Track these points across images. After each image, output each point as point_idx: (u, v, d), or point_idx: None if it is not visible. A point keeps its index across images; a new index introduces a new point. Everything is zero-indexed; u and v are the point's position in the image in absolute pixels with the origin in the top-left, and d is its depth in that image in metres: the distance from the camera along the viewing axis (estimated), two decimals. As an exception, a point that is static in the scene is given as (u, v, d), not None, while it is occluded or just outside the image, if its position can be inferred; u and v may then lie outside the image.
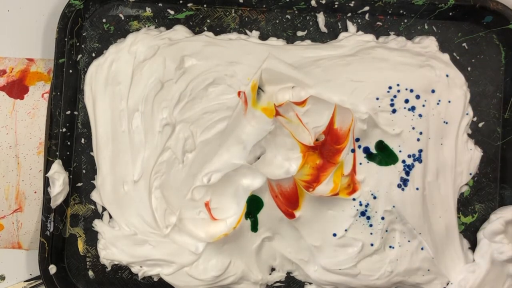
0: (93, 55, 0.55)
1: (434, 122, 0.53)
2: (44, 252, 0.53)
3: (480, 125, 0.55)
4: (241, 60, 0.53)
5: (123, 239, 0.54)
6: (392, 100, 0.53)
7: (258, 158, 0.53)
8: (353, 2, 0.54)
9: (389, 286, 0.53)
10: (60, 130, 0.54)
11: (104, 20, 0.55)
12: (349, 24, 0.55)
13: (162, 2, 0.55)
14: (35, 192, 0.57)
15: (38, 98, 0.57)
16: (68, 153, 0.55)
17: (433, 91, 0.53)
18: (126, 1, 0.55)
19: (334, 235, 0.53)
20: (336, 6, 0.54)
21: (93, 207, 0.55)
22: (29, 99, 0.57)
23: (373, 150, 0.53)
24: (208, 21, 0.55)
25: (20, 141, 0.57)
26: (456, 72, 0.54)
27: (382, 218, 0.52)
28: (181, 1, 0.55)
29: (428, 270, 0.53)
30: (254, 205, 0.52)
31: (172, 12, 0.55)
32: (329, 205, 0.53)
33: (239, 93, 0.53)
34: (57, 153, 0.54)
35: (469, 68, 0.55)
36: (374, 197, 0.53)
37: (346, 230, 0.53)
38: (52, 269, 0.54)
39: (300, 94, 0.53)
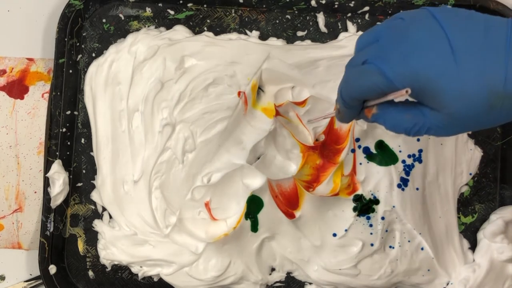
0: (93, 55, 0.55)
1: (434, 122, 0.53)
2: (44, 252, 0.53)
3: (480, 125, 0.55)
4: (241, 60, 0.53)
5: (123, 239, 0.54)
6: (392, 100, 0.53)
7: (258, 158, 0.53)
8: (353, 2, 0.54)
9: (389, 286, 0.53)
10: (60, 130, 0.54)
11: (104, 20, 0.55)
12: (349, 24, 0.55)
13: (162, 2, 0.55)
14: (35, 192, 0.57)
15: (38, 98, 0.57)
16: (68, 153, 0.55)
17: (433, 91, 0.53)
18: (126, 1, 0.55)
19: (334, 235, 0.53)
20: (336, 6, 0.54)
21: (93, 207, 0.55)
22: (29, 99, 0.57)
23: (373, 150, 0.53)
24: (208, 21, 0.55)
25: (20, 141, 0.57)
26: (456, 72, 0.54)
27: (382, 218, 0.52)
28: (181, 1, 0.55)
29: (428, 270, 0.53)
30: (254, 205, 0.52)
31: (172, 12, 0.55)
32: (329, 205, 0.53)
33: (239, 93, 0.53)
34: (57, 153, 0.54)
35: (469, 68, 0.55)
36: (374, 197, 0.53)
37: (346, 230, 0.53)
38: (52, 269, 0.54)
39: (300, 94, 0.53)
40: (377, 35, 0.36)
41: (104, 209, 0.55)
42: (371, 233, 0.53)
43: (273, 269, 0.55)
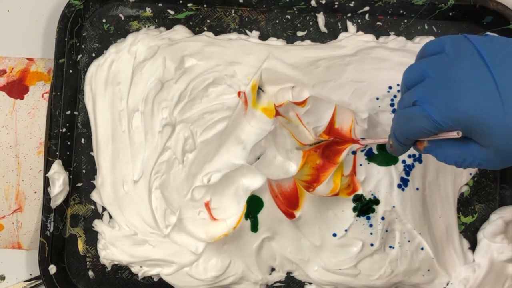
0: (93, 55, 0.55)
1: (434, 122, 0.53)
2: (44, 252, 0.53)
3: (480, 125, 0.55)
4: (241, 60, 0.53)
5: (123, 239, 0.54)
6: (392, 100, 0.53)
7: (258, 158, 0.53)
8: (353, 2, 0.54)
9: (389, 286, 0.53)
10: (60, 130, 0.54)
11: (104, 20, 0.55)
12: (349, 24, 0.55)
13: (162, 2, 0.55)
14: (35, 192, 0.57)
15: (38, 98, 0.57)
16: (68, 153, 0.55)
17: (433, 91, 0.53)
18: (126, 1, 0.55)
19: (334, 235, 0.53)
20: (336, 6, 0.54)
21: (93, 207, 0.55)
22: (29, 99, 0.57)
23: (374, 150, 0.53)
24: (208, 21, 0.55)
25: (20, 141, 0.57)
26: (456, 72, 0.54)
27: (382, 218, 0.52)
28: (181, 1, 0.55)
29: (428, 270, 0.53)
30: (254, 205, 0.52)
31: (172, 12, 0.55)
32: (329, 205, 0.53)
33: (239, 93, 0.53)
34: (57, 153, 0.54)
35: (469, 68, 0.55)
36: (374, 197, 0.53)
37: (346, 230, 0.53)
38: (52, 269, 0.54)
39: (300, 94, 0.53)
40: (423, 73, 0.37)
41: (104, 209, 0.55)
42: (371, 233, 0.53)
43: (273, 269, 0.55)
